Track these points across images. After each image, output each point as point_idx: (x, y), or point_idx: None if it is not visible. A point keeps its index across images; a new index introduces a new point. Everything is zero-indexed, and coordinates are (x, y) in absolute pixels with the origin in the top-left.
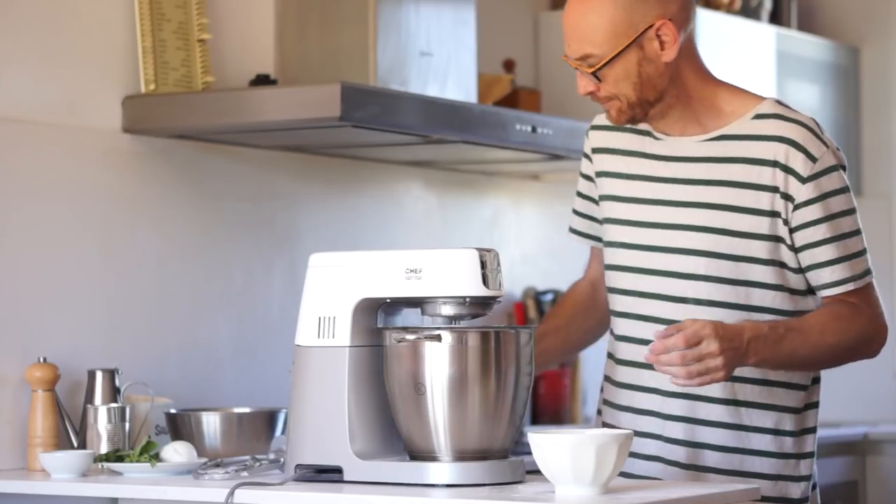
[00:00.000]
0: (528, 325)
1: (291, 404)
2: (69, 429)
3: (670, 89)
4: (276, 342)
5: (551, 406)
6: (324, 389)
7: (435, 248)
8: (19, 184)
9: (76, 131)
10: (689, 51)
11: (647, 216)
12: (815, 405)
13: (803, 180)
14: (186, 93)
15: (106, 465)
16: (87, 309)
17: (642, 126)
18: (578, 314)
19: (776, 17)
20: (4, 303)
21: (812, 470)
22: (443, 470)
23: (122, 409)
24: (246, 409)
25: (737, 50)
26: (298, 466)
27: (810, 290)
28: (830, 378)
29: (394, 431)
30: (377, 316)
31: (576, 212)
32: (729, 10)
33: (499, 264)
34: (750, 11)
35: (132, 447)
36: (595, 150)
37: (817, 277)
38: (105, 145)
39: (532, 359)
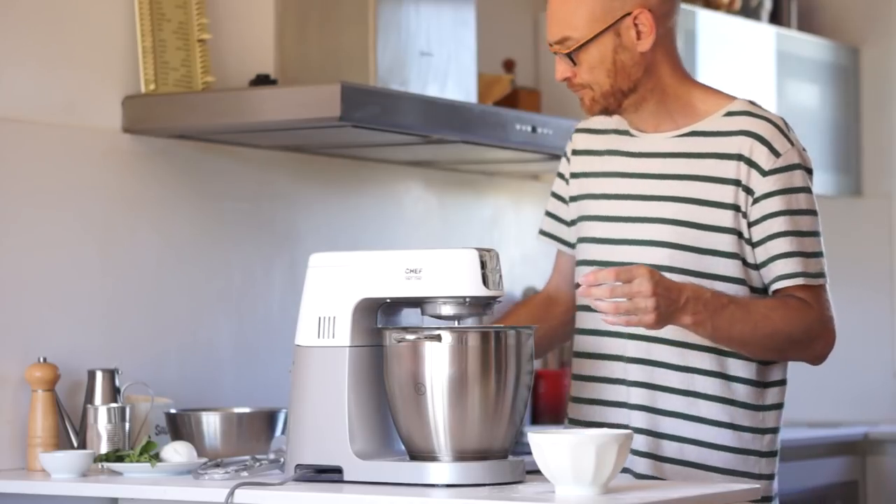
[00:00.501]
0: (528, 325)
1: (291, 404)
2: (69, 429)
3: (645, 81)
4: (276, 342)
5: (551, 406)
6: (324, 389)
7: (435, 248)
8: (19, 184)
9: (76, 131)
10: (667, 46)
11: (618, 211)
12: (778, 406)
13: (765, 173)
14: (186, 93)
15: (106, 465)
16: (87, 309)
17: (622, 126)
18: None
19: (776, 17)
20: (4, 303)
21: (775, 469)
22: (443, 470)
23: (122, 409)
24: (246, 409)
25: (737, 50)
26: (298, 466)
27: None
28: (830, 378)
29: (394, 431)
30: (377, 316)
31: (547, 213)
32: (729, 10)
33: (499, 264)
34: (750, 11)
35: (132, 447)
36: (575, 152)
37: (769, 272)
38: (105, 145)
39: (532, 358)
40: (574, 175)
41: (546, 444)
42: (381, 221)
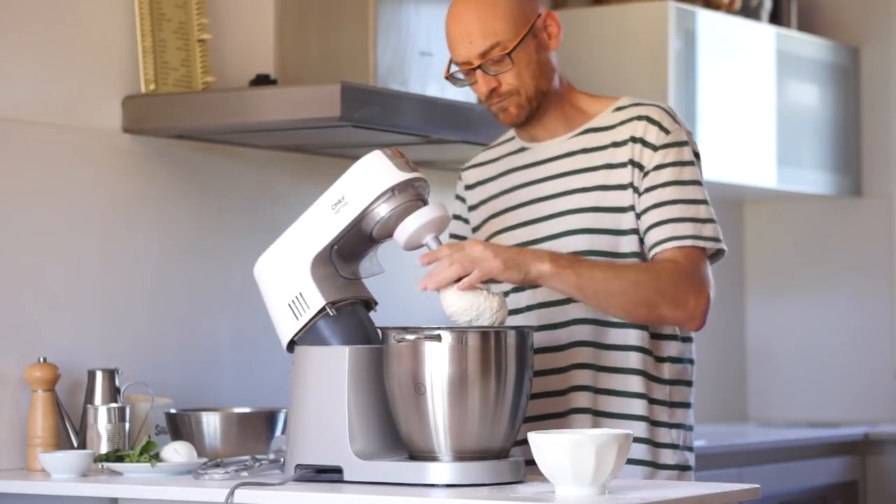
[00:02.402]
0: (529, 325)
1: (292, 404)
2: (69, 429)
3: (554, 83)
4: (275, 342)
5: None
6: (324, 389)
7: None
8: (19, 184)
9: (76, 131)
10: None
11: (526, 216)
12: (681, 382)
13: (655, 149)
14: (186, 93)
15: (106, 465)
16: (87, 309)
17: (512, 148)
18: None
19: (776, 17)
20: (4, 303)
21: (689, 442)
22: (443, 470)
23: (122, 409)
24: (246, 409)
25: (737, 50)
26: (298, 466)
27: None
28: (830, 378)
29: (394, 431)
30: (339, 266)
31: None
32: (729, 10)
33: (404, 156)
34: (750, 11)
35: (132, 447)
36: (468, 188)
37: (654, 235)
38: (105, 145)
39: (532, 358)
40: (472, 208)
41: (546, 444)
42: None
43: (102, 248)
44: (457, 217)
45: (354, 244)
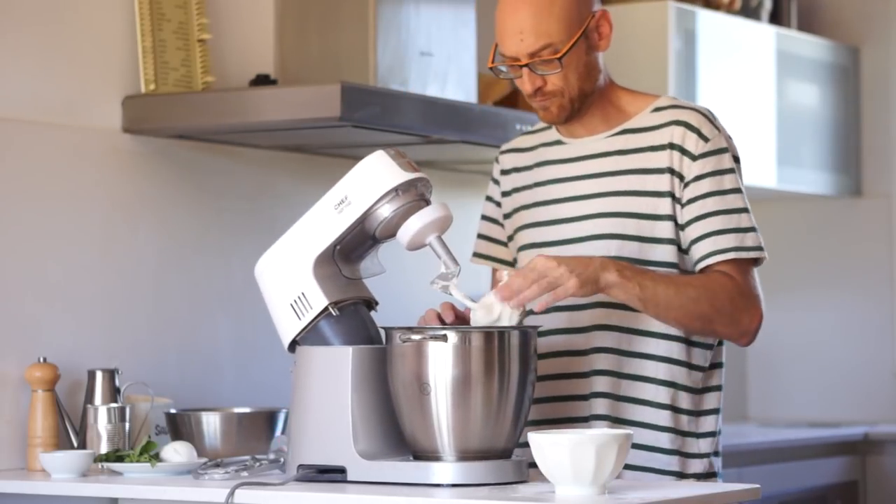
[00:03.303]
0: (532, 326)
1: (293, 404)
2: (69, 429)
3: (598, 83)
4: (276, 342)
5: None
6: (326, 389)
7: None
8: (19, 184)
9: (76, 131)
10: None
11: (555, 214)
12: (716, 388)
13: (694, 158)
14: (186, 93)
15: (106, 465)
16: (87, 309)
17: (549, 139)
18: None
19: (776, 17)
20: (4, 303)
21: (717, 447)
22: (446, 470)
23: (122, 409)
24: (246, 409)
25: (737, 50)
26: (301, 466)
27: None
28: (830, 378)
29: (397, 431)
30: (342, 266)
31: (479, 235)
32: (729, 10)
33: (407, 157)
34: (750, 11)
35: (132, 447)
36: (504, 172)
37: (700, 249)
38: (105, 145)
39: (536, 359)
40: (505, 194)
41: (546, 444)
42: None
43: (102, 248)
44: (489, 199)
45: (356, 244)
